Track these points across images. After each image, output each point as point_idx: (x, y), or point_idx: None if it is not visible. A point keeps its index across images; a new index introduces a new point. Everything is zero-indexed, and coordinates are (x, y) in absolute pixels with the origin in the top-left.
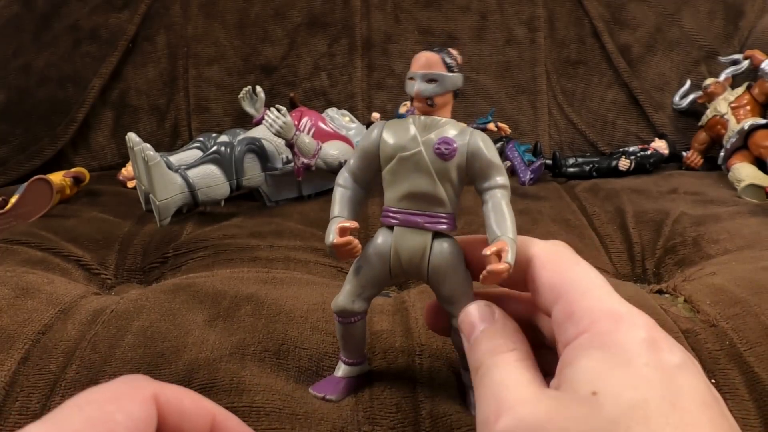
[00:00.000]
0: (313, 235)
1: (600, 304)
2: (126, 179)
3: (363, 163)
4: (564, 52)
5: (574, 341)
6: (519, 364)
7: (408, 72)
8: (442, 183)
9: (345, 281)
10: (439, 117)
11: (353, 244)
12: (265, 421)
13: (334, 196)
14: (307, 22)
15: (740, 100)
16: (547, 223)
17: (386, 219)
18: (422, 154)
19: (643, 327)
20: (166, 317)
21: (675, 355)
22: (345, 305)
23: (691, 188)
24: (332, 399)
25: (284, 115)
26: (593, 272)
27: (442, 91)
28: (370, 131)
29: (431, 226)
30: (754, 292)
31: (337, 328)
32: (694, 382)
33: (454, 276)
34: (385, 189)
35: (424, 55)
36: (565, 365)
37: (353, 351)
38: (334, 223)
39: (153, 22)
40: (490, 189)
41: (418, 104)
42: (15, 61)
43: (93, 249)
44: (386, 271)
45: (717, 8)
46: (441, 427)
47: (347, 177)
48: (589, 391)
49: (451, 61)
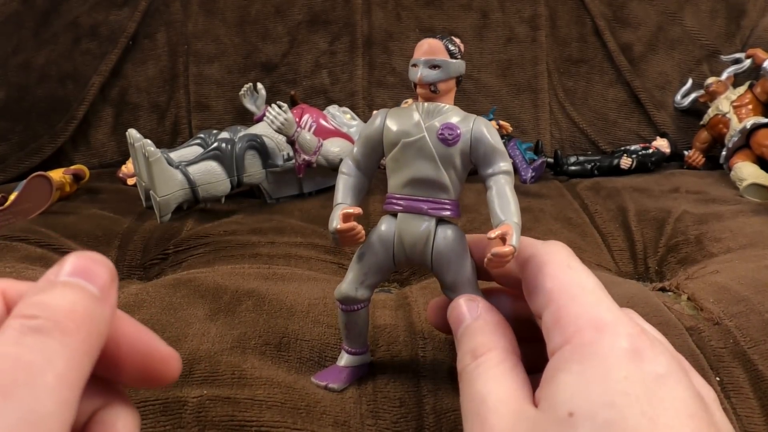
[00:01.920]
0: (314, 231)
1: (586, 312)
2: (126, 176)
3: (366, 150)
4: (565, 51)
5: (558, 351)
6: (499, 368)
7: (411, 59)
8: (445, 169)
9: (348, 269)
10: (442, 104)
11: (357, 229)
12: (267, 414)
13: (337, 183)
14: (308, 19)
15: (742, 99)
16: (548, 221)
17: (390, 206)
18: (426, 139)
19: (626, 336)
20: (166, 310)
21: (659, 365)
22: (348, 292)
23: (693, 187)
24: (335, 388)
25: (285, 112)
26: (585, 275)
27: (446, 77)
28: (374, 118)
29: (435, 212)
30: (758, 291)
31: (339, 316)
32: (678, 392)
33: (457, 262)
34: (389, 176)
35: (427, 42)
36: (546, 380)
37: (356, 340)
38: (337, 210)
39: (153, 20)
40: (495, 175)
41: (421, 90)
42: (15, 58)
43: (93, 245)
44: (390, 258)
45: (719, 7)
46: (445, 422)
47: (350, 164)
48: (566, 411)
49: (454, 48)
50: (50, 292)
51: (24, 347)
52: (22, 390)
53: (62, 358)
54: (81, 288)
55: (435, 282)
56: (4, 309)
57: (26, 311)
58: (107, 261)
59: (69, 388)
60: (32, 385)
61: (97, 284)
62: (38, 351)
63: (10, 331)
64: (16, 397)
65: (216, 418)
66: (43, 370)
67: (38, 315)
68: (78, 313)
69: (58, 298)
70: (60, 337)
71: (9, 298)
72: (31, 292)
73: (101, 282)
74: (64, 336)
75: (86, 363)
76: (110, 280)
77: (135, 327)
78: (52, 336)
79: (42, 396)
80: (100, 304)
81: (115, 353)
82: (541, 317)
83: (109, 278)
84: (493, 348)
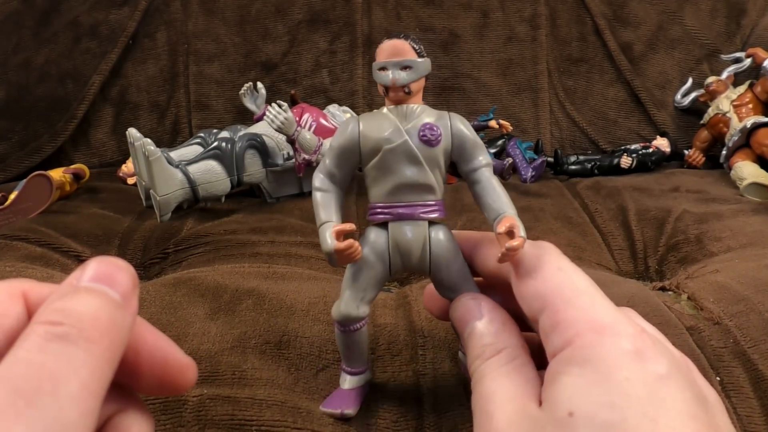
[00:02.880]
0: (314, 231)
1: (584, 315)
2: (126, 176)
3: (340, 162)
4: (566, 50)
5: (558, 354)
6: (507, 367)
7: (376, 62)
8: (431, 170)
9: (342, 288)
10: (413, 105)
11: (354, 246)
12: (267, 413)
13: (315, 201)
14: (308, 19)
15: (742, 99)
16: (549, 220)
17: (376, 216)
18: (409, 143)
19: (627, 337)
20: (166, 309)
21: (660, 365)
22: (349, 312)
23: (693, 186)
24: (350, 413)
25: (285, 111)
26: (577, 276)
27: (417, 77)
28: (344, 127)
29: (426, 215)
30: (758, 290)
31: (339, 338)
32: (680, 393)
33: (454, 262)
34: (370, 185)
35: (392, 44)
36: (548, 382)
37: (358, 359)
38: (327, 228)
39: (153, 19)
40: (478, 169)
41: (393, 94)
42: (15, 57)
43: (93, 245)
44: (386, 269)
45: (719, 6)
46: (444, 420)
47: (323, 179)
48: (566, 411)
49: (418, 47)
50: (74, 298)
51: (49, 355)
52: (47, 399)
53: (86, 366)
54: (104, 294)
55: None
56: (24, 311)
57: (51, 317)
58: (129, 267)
59: (92, 397)
60: (57, 395)
61: (119, 291)
62: (63, 359)
63: (34, 337)
64: (40, 405)
65: (216, 416)
66: (67, 378)
67: (63, 322)
68: (102, 321)
69: (82, 305)
70: (84, 345)
71: (30, 301)
72: (54, 296)
73: (123, 289)
74: (89, 344)
75: (108, 371)
76: (132, 287)
77: (154, 334)
78: (77, 344)
79: (66, 405)
80: (122, 312)
81: (134, 360)
82: (535, 321)
83: (131, 285)
84: (502, 348)
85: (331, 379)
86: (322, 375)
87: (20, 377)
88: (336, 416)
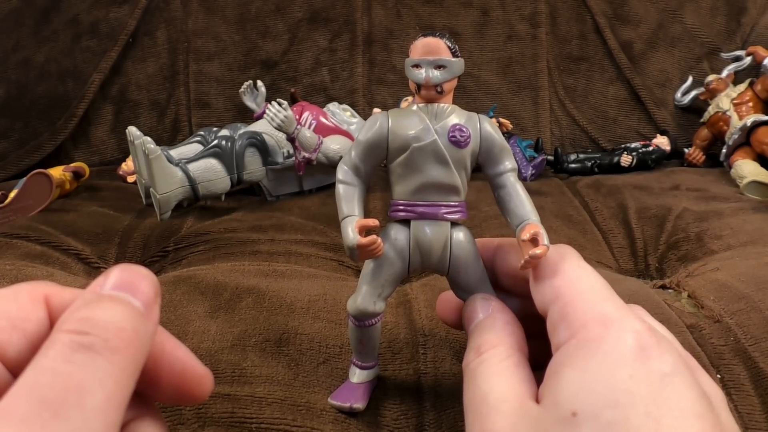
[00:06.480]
0: (314, 229)
1: (592, 308)
2: (126, 174)
3: (367, 156)
4: (566, 48)
5: (563, 346)
6: (502, 365)
7: (410, 59)
8: (458, 171)
9: (360, 282)
10: (443, 104)
11: (377, 243)
12: (267, 410)
13: (338, 193)
14: (308, 17)
15: (742, 97)
16: (549, 218)
17: (399, 213)
18: (438, 143)
19: (632, 333)
20: (166, 308)
21: (664, 364)
22: (366, 307)
23: (693, 185)
24: (359, 408)
25: (285, 109)
26: (594, 276)
27: (450, 77)
28: (373, 122)
29: (449, 216)
30: (758, 288)
31: (352, 332)
32: (684, 392)
33: (473, 264)
34: (395, 182)
35: (427, 41)
36: (550, 375)
37: (369, 354)
38: (350, 222)
39: (153, 17)
40: (504, 173)
41: (425, 92)
42: (14, 55)
43: (93, 243)
44: (405, 267)
45: (719, 4)
46: (445, 419)
47: (348, 171)
48: (569, 411)
49: (453, 46)
50: (98, 307)
51: (75, 365)
52: (73, 410)
53: (111, 378)
54: (127, 303)
55: (435, 279)
56: (46, 316)
57: (76, 326)
58: (151, 275)
59: (116, 409)
60: (83, 406)
61: (142, 299)
62: (89, 370)
63: (59, 346)
64: (66, 417)
65: (216, 414)
66: (93, 390)
67: (88, 331)
68: (126, 332)
69: (107, 315)
70: (109, 356)
71: (52, 305)
72: (78, 304)
73: (145, 297)
74: (114, 355)
75: (131, 382)
76: (154, 296)
77: (173, 343)
78: (102, 354)
79: (91, 417)
80: (145, 321)
81: (154, 370)
82: (545, 313)
83: (153, 294)
84: (498, 344)
85: (332, 371)
86: (322, 368)
87: (46, 387)
88: (345, 410)
